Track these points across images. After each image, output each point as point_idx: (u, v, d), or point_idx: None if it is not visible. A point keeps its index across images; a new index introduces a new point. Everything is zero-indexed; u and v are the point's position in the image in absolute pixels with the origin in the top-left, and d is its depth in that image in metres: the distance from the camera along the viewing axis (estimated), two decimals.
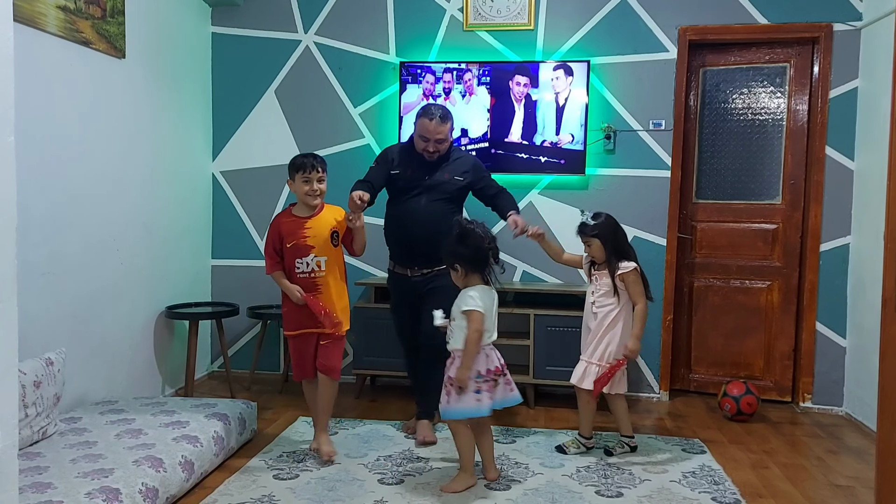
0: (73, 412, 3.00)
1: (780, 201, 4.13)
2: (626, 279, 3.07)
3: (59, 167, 3.03)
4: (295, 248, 2.89)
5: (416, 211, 3.21)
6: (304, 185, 2.87)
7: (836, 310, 3.98)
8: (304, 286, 2.90)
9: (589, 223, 3.11)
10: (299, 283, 2.90)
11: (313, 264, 2.89)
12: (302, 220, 2.91)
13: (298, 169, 2.87)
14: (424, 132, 3.16)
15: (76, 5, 3.09)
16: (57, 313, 3.02)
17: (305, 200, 2.90)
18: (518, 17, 4.18)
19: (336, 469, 2.92)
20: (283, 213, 3.00)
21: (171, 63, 3.96)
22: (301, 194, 2.89)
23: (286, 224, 2.93)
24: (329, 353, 2.95)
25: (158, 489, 2.40)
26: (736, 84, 4.16)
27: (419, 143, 3.22)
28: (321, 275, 2.91)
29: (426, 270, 3.24)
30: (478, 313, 2.64)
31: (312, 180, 2.86)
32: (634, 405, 4.02)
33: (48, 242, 2.96)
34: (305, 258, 2.89)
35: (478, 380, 2.66)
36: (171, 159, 4.00)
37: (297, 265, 2.90)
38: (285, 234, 2.90)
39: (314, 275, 2.91)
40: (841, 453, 3.31)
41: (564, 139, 4.07)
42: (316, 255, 2.89)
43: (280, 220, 2.96)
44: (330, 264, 2.92)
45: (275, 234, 2.93)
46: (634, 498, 2.69)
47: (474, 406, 2.66)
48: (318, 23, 4.36)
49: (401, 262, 3.31)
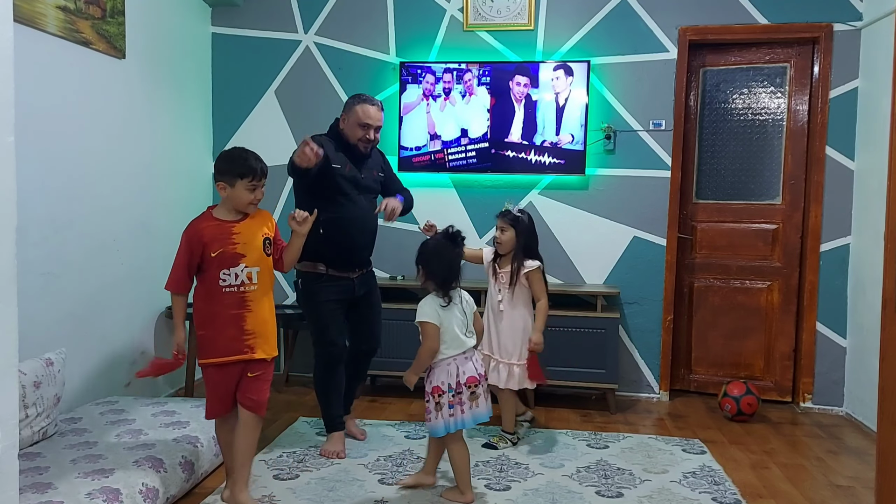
0: (74, 412, 3.00)
1: (781, 201, 4.13)
2: (531, 277, 3.19)
3: (59, 167, 3.03)
4: (221, 257, 2.40)
5: (362, 213, 3.07)
6: (249, 193, 2.44)
7: (836, 310, 3.98)
8: (232, 303, 2.42)
9: (513, 210, 3.24)
10: (225, 298, 2.41)
11: (243, 276, 2.42)
12: (228, 225, 2.44)
13: (245, 175, 2.41)
14: (367, 119, 2.99)
15: (76, 5, 3.09)
16: (57, 313, 3.02)
17: (245, 209, 2.47)
18: (518, 17, 4.18)
19: (336, 469, 2.92)
20: (202, 217, 2.49)
21: (171, 63, 3.96)
22: (242, 203, 2.44)
23: (209, 229, 2.42)
24: (259, 387, 2.47)
25: (158, 489, 2.40)
26: (736, 84, 4.16)
27: (357, 131, 3.00)
28: (252, 289, 2.44)
29: (364, 270, 3.16)
30: (431, 325, 2.55)
31: (258, 188, 2.46)
32: (634, 405, 4.02)
33: (48, 242, 2.96)
34: (234, 269, 2.41)
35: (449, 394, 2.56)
36: (171, 159, 4.00)
37: (223, 277, 2.40)
38: (208, 242, 2.40)
39: (244, 289, 2.43)
40: (841, 453, 3.31)
41: (564, 139, 4.07)
42: (247, 266, 2.42)
43: (200, 226, 2.43)
44: (262, 277, 2.46)
45: (195, 241, 2.40)
46: (634, 498, 2.69)
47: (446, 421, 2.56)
48: (318, 23, 4.36)
49: (342, 265, 3.04)
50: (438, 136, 4.19)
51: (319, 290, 3.03)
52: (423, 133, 4.21)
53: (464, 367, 2.59)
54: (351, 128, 3.03)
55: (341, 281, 3.05)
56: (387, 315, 3.92)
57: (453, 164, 4.19)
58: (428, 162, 4.20)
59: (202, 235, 2.41)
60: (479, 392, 2.60)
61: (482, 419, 2.62)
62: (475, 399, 2.59)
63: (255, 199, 2.46)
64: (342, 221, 2.99)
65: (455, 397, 2.56)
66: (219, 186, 2.45)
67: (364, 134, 3.01)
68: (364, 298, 3.17)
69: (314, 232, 2.86)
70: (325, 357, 3.07)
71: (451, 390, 2.57)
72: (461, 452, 2.62)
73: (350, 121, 3.03)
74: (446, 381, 2.57)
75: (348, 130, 3.04)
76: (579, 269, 4.20)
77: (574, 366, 3.81)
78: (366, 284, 3.17)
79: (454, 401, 2.56)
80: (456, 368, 2.58)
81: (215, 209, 2.50)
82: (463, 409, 2.57)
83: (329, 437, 3.11)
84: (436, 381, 2.59)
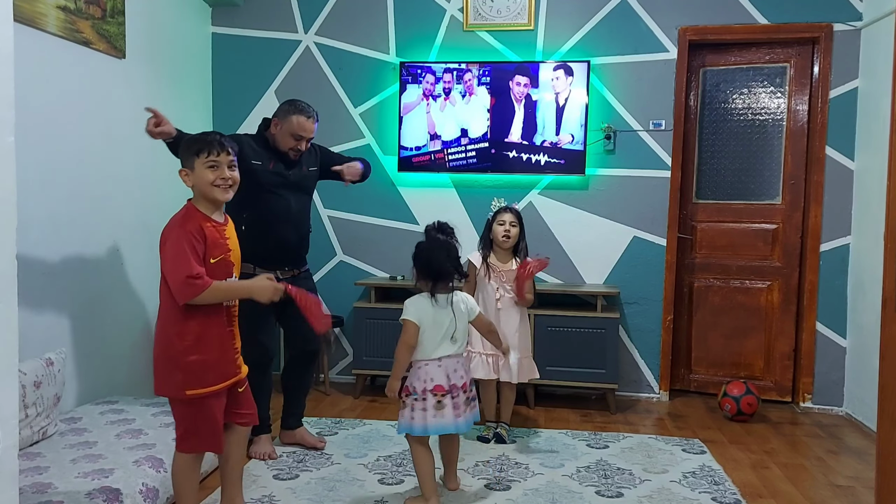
0: (74, 412, 2.99)
1: (780, 201, 4.13)
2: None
3: (59, 167, 3.03)
4: (222, 264, 2.14)
5: (287, 211, 2.97)
6: (210, 172, 2.09)
7: (836, 310, 3.98)
8: (225, 318, 2.18)
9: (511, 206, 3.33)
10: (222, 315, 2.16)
11: None
12: (221, 227, 2.18)
13: (200, 151, 2.08)
14: (301, 130, 2.92)
15: (76, 5, 3.09)
16: (57, 313, 3.02)
17: (212, 194, 2.11)
18: (518, 17, 4.18)
19: (336, 469, 2.92)
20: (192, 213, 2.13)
21: (172, 63, 3.96)
22: (205, 184, 2.08)
23: (209, 230, 2.11)
24: (250, 399, 2.33)
25: (159, 489, 2.40)
26: (736, 84, 4.16)
27: (288, 141, 2.94)
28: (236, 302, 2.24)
29: (296, 271, 3.06)
30: (410, 324, 2.50)
31: (221, 165, 2.10)
32: (634, 405, 4.02)
33: (48, 242, 2.96)
34: (231, 280, 2.19)
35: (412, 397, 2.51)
36: (171, 159, 3.97)
37: None
38: (212, 245, 2.10)
39: (232, 303, 2.21)
40: (841, 453, 3.31)
41: (564, 139, 4.07)
42: (236, 277, 2.23)
43: (201, 223, 2.11)
44: None
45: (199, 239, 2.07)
46: (635, 498, 2.69)
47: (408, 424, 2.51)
48: (318, 23, 4.36)
49: (268, 264, 2.92)
50: (438, 136, 4.19)
51: None
52: (423, 133, 4.21)
53: (433, 373, 2.50)
54: (283, 136, 2.95)
55: None
56: (386, 315, 3.94)
57: (453, 164, 4.19)
58: (428, 162, 4.20)
59: (205, 235, 2.09)
60: (446, 402, 2.48)
61: (445, 430, 2.53)
62: (441, 408, 2.48)
63: (217, 178, 2.09)
64: (266, 218, 2.90)
65: (418, 402, 2.49)
66: (181, 174, 2.14)
67: (296, 144, 2.96)
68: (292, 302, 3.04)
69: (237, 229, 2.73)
70: (254, 358, 2.74)
71: (414, 394, 2.51)
72: (423, 458, 2.53)
73: (283, 128, 2.95)
74: (413, 383, 2.52)
75: (280, 138, 2.96)
76: (579, 269, 4.20)
77: (574, 366, 3.81)
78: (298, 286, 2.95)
79: (416, 406, 2.50)
80: (425, 374, 2.51)
81: (195, 202, 2.16)
82: (425, 416, 2.48)
83: (257, 440, 3.03)
84: (408, 381, 2.55)
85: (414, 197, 4.30)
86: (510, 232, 3.25)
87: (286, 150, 2.97)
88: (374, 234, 4.37)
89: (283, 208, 2.97)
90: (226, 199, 2.15)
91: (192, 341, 2.08)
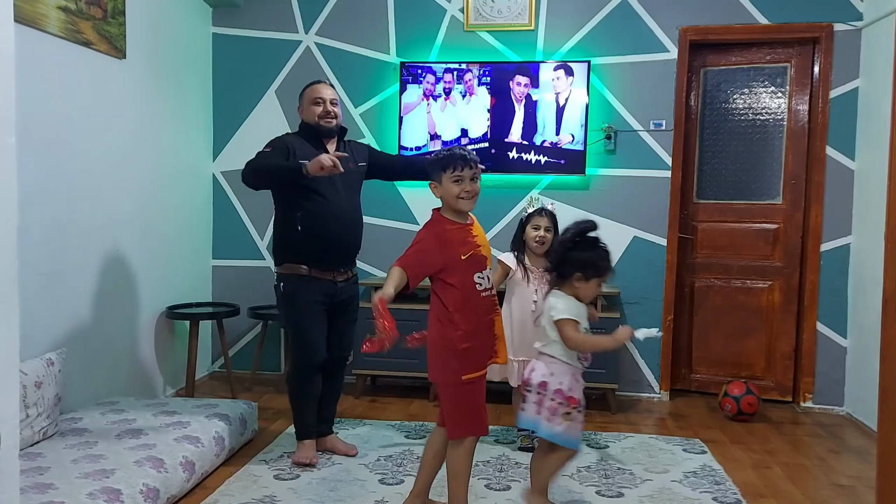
0: (74, 412, 3.00)
1: (781, 201, 4.13)
2: None
3: (60, 167, 3.03)
4: (473, 259, 2.28)
5: (340, 208, 2.92)
6: (455, 185, 2.27)
7: (836, 310, 3.98)
8: (485, 308, 2.30)
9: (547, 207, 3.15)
10: (481, 303, 2.29)
11: (487, 280, 2.34)
12: (467, 227, 2.34)
13: (446, 166, 2.28)
14: (316, 93, 2.94)
15: (77, 6, 3.09)
16: (58, 314, 3.02)
17: (458, 206, 2.30)
18: (518, 17, 4.18)
19: (337, 469, 2.92)
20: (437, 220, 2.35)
21: (172, 64, 3.96)
22: (451, 196, 2.28)
23: (453, 232, 2.30)
24: None
25: (159, 489, 2.40)
26: (737, 84, 4.16)
27: (314, 110, 2.93)
28: (494, 293, 2.38)
29: (350, 275, 3.04)
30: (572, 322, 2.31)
31: (464, 179, 2.28)
32: (635, 405, 4.02)
33: (49, 242, 2.96)
34: (485, 272, 2.32)
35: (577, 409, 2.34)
36: (171, 159, 4.00)
37: (478, 281, 2.28)
38: (459, 244, 2.28)
39: (492, 292, 2.35)
40: (842, 453, 3.31)
41: (565, 139, 4.07)
42: (489, 269, 2.37)
43: (445, 227, 2.30)
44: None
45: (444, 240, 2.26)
46: (635, 498, 2.69)
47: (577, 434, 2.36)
48: (318, 23, 4.36)
49: (325, 264, 2.92)
50: (439, 136, 4.20)
51: (301, 291, 2.91)
52: (424, 133, 4.21)
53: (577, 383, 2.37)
54: (307, 111, 2.97)
55: (324, 283, 2.93)
56: None
57: None
58: None
59: (451, 236, 2.27)
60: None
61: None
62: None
63: (462, 191, 2.26)
64: (321, 216, 2.87)
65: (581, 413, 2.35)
66: (431, 187, 2.34)
67: (321, 110, 2.93)
68: (343, 306, 3.03)
69: (293, 230, 2.85)
70: (304, 361, 2.93)
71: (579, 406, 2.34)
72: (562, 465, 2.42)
73: (304, 105, 2.99)
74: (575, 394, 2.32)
75: (307, 116, 2.97)
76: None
77: None
78: (348, 291, 3.04)
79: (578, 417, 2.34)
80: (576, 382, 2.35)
81: (442, 210, 2.36)
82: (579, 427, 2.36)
83: (301, 445, 2.99)
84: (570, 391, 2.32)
85: (414, 197, 4.30)
86: (545, 238, 3.07)
87: (316, 121, 2.93)
88: (375, 234, 4.36)
89: (334, 206, 2.90)
90: (470, 208, 2.33)
91: (469, 330, 2.25)
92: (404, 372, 4.02)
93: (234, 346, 4.49)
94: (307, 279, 2.90)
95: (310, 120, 2.96)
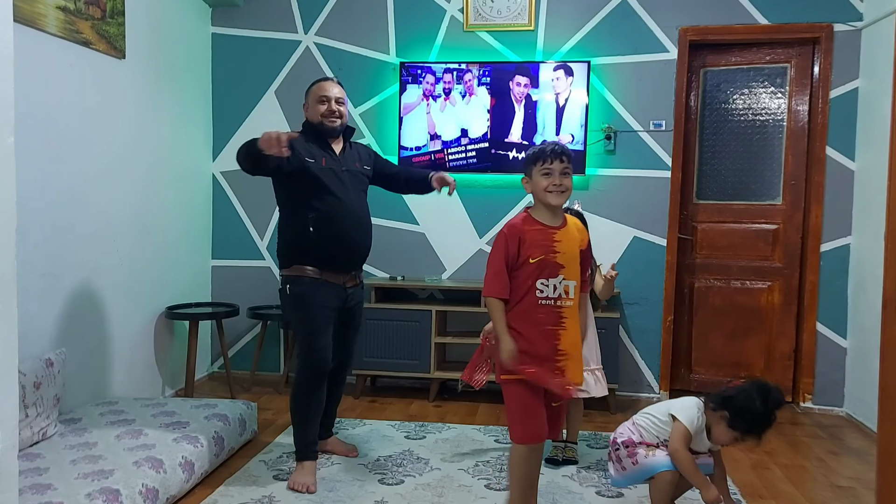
0: (73, 413, 2.99)
1: (781, 202, 4.13)
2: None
3: (59, 168, 3.03)
4: (542, 265, 2.21)
5: (353, 209, 2.84)
6: (544, 179, 2.23)
7: (836, 310, 3.98)
8: (546, 318, 2.22)
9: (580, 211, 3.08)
10: (540, 311, 2.22)
11: (561, 289, 2.22)
12: (551, 231, 2.25)
13: (537, 159, 2.25)
14: (322, 91, 2.85)
15: (76, 6, 3.09)
16: (57, 314, 3.02)
17: (546, 199, 2.24)
18: (518, 17, 4.18)
19: (336, 469, 2.92)
20: (522, 218, 2.29)
21: (171, 64, 3.96)
22: (539, 190, 2.24)
23: (531, 233, 2.23)
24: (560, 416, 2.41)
25: (159, 490, 2.40)
26: (736, 84, 4.16)
27: (319, 108, 2.84)
28: (568, 304, 2.24)
29: (358, 280, 2.97)
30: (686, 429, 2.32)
31: (554, 173, 2.23)
32: (635, 405, 4.01)
33: (48, 243, 2.96)
34: (553, 280, 2.22)
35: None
36: (171, 159, 4.00)
37: (541, 288, 2.20)
38: (530, 245, 2.22)
39: (560, 303, 2.23)
40: (842, 454, 3.31)
41: (565, 139, 4.07)
42: (565, 279, 2.23)
43: (522, 227, 2.24)
44: (576, 293, 2.27)
45: (514, 243, 2.22)
46: (635, 498, 2.69)
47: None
48: (318, 23, 4.36)
49: (336, 269, 2.83)
50: (438, 137, 4.19)
51: (312, 295, 2.79)
52: (423, 133, 4.21)
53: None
54: (312, 108, 2.87)
55: (336, 288, 2.85)
56: (386, 315, 3.95)
57: (453, 164, 4.19)
58: (428, 162, 4.20)
59: (524, 238, 2.23)
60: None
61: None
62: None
63: (551, 184, 2.22)
64: (334, 218, 2.78)
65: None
66: (523, 182, 2.32)
67: (325, 108, 2.84)
68: (351, 312, 2.96)
69: (304, 232, 2.77)
70: (311, 367, 2.79)
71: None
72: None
73: (310, 102, 2.89)
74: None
75: (312, 115, 2.88)
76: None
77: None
78: (356, 297, 2.98)
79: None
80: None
81: (532, 209, 2.31)
82: None
83: (300, 467, 2.77)
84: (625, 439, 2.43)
85: (414, 197, 4.29)
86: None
87: (320, 119, 2.84)
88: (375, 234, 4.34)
89: (345, 206, 2.81)
90: (559, 203, 2.25)
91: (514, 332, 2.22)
92: (404, 372, 4.02)
93: (233, 346, 4.49)
94: (318, 283, 2.80)
95: (314, 119, 2.87)
